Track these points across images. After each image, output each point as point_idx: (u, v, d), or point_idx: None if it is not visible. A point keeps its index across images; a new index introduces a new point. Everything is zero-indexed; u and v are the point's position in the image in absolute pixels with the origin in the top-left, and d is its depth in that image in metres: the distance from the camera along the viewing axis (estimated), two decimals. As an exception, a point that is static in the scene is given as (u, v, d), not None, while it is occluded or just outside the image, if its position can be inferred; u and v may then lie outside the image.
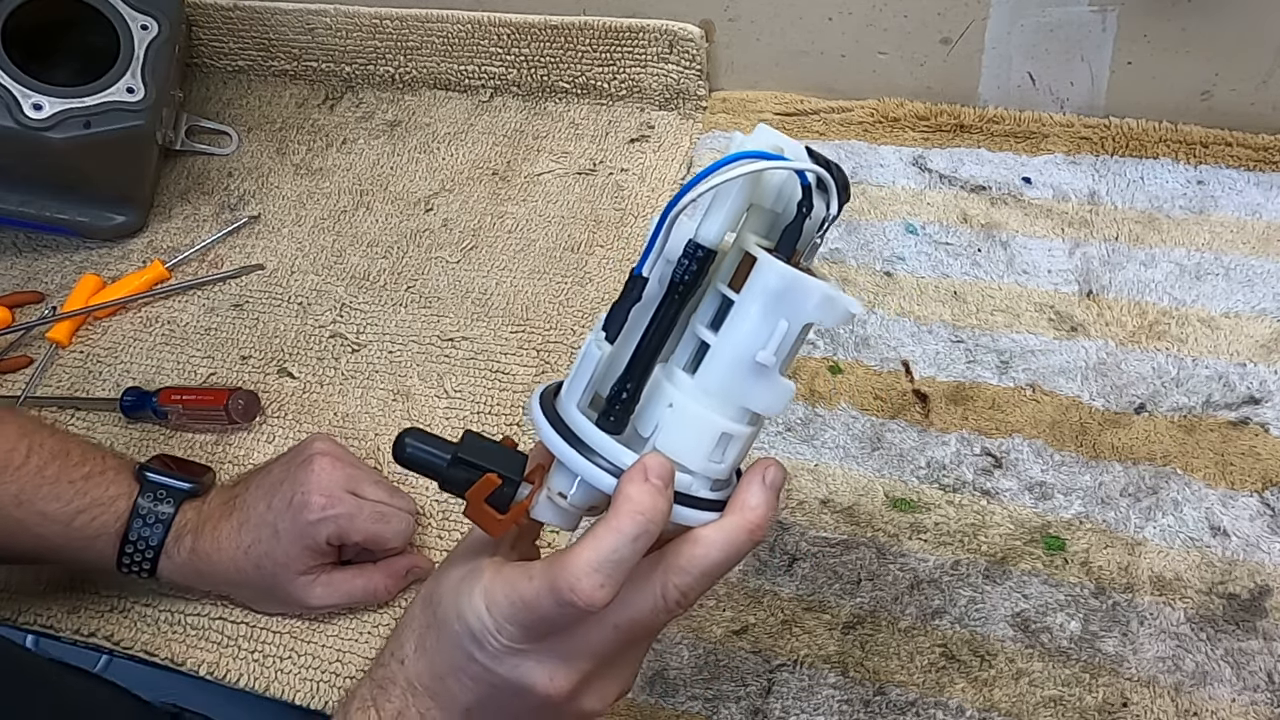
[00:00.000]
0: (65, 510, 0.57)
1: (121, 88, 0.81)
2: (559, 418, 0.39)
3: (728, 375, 0.38)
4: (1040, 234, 0.72)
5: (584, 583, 0.35)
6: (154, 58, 0.83)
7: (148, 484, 0.60)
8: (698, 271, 0.37)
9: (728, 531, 0.38)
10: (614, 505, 0.36)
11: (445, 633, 0.39)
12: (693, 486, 0.39)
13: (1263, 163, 0.73)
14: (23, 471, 0.57)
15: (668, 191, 0.81)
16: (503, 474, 0.39)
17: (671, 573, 0.38)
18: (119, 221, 0.87)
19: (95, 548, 0.58)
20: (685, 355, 0.40)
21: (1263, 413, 0.62)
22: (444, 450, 0.40)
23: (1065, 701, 0.54)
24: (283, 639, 0.62)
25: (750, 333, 0.37)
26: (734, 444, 0.39)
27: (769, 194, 0.39)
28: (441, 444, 0.40)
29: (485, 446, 0.40)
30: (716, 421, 0.38)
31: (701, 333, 0.39)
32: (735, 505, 0.39)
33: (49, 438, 0.60)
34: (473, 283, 0.78)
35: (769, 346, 0.37)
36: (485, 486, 0.39)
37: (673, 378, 0.39)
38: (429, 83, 0.93)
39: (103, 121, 0.79)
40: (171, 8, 0.86)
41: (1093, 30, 0.73)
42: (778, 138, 0.38)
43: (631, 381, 0.38)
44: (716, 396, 0.38)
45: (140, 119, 0.81)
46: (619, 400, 0.38)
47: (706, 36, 0.83)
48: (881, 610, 0.59)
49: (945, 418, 0.65)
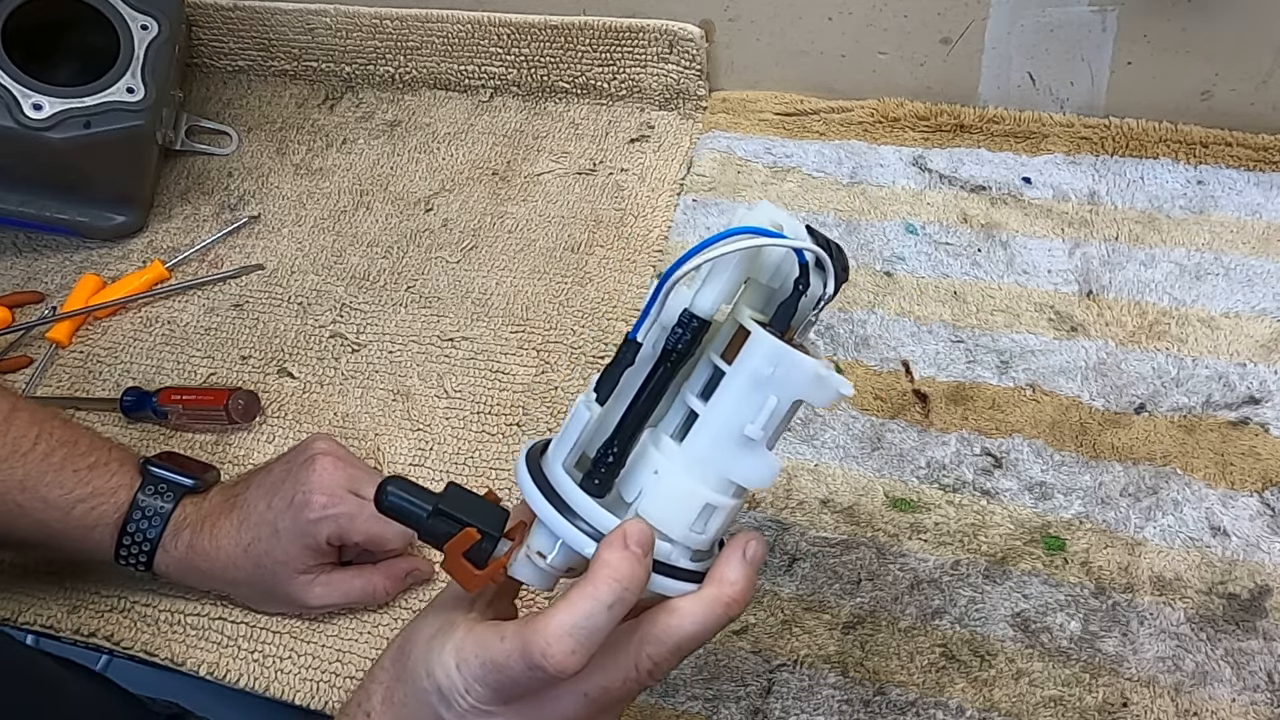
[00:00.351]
0: (67, 498, 0.58)
1: (121, 88, 0.81)
2: (543, 476, 0.39)
3: (715, 446, 0.38)
4: (1040, 234, 0.73)
5: (555, 648, 0.35)
6: (154, 58, 0.83)
7: (149, 477, 0.60)
8: (691, 340, 0.37)
9: (705, 604, 0.38)
10: (592, 570, 0.36)
11: (413, 688, 0.39)
12: (672, 555, 0.39)
13: (1263, 163, 0.73)
14: (30, 457, 0.58)
15: (668, 191, 0.81)
16: (482, 529, 0.39)
17: (646, 642, 0.37)
18: (119, 221, 0.86)
19: (93, 537, 0.59)
20: (674, 422, 0.40)
21: (1263, 413, 0.62)
22: (425, 501, 0.40)
23: (1065, 701, 0.54)
24: (283, 639, 0.62)
25: (739, 406, 0.37)
26: (717, 515, 0.39)
27: (766, 269, 0.39)
28: (424, 494, 0.40)
29: (467, 500, 0.40)
30: (700, 492, 0.38)
31: (691, 401, 0.39)
32: (714, 578, 0.38)
33: (59, 427, 0.60)
34: (473, 283, 0.78)
35: (757, 421, 0.37)
36: (464, 541, 0.39)
37: (660, 444, 0.39)
38: (429, 83, 0.93)
39: (103, 121, 0.79)
40: (171, 8, 0.86)
41: (1093, 30, 0.73)
42: (778, 214, 0.39)
43: (618, 445, 0.38)
44: (702, 466, 0.38)
45: (140, 119, 0.81)
46: (604, 463, 0.38)
47: (706, 36, 0.83)
48: (881, 610, 0.59)
49: (945, 418, 0.65)
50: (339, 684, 0.60)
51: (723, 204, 0.79)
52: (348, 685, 0.60)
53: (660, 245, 0.77)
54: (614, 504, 0.39)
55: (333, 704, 0.60)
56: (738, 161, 0.81)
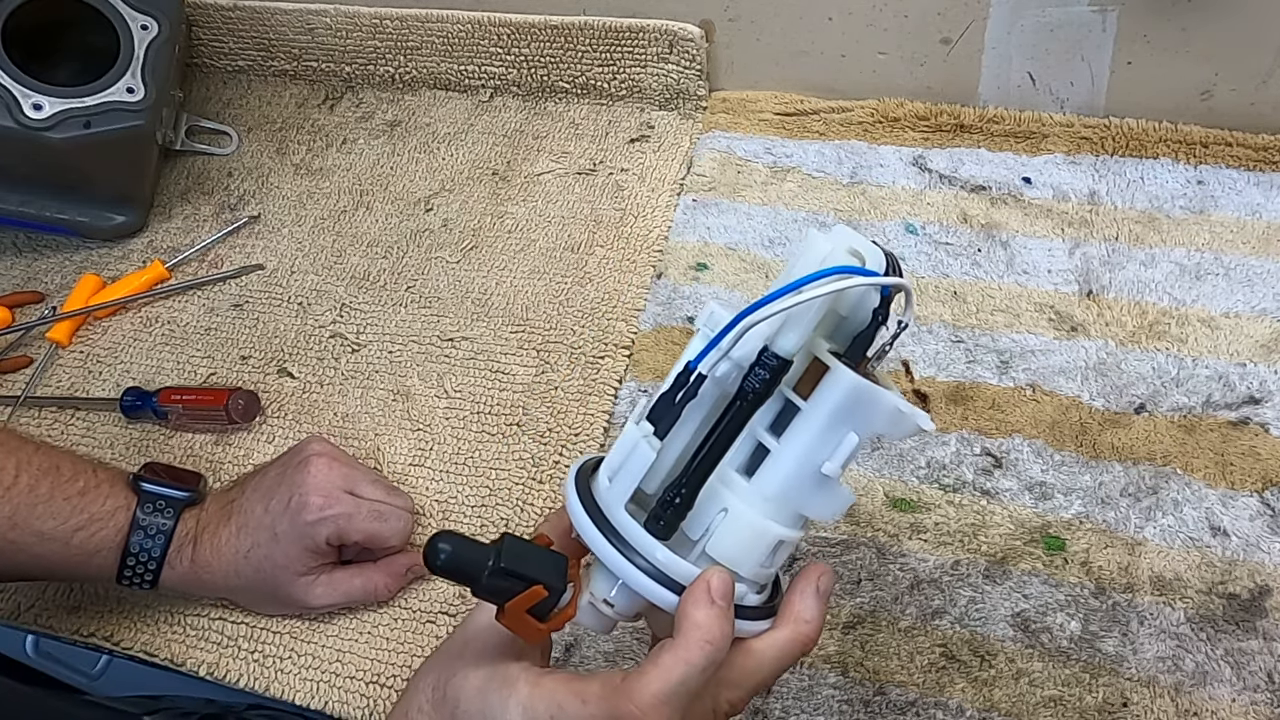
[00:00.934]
0: (63, 528, 0.56)
1: (121, 88, 0.80)
2: (603, 516, 0.37)
3: (788, 483, 0.37)
4: (1040, 234, 0.72)
5: (651, 716, 0.34)
6: (154, 58, 0.83)
7: (145, 495, 0.59)
8: (770, 380, 0.36)
9: (782, 646, 0.37)
10: (682, 631, 0.34)
11: None
12: (746, 596, 0.37)
13: (1263, 163, 0.73)
14: (14, 491, 0.56)
15: (668, 191, 0.81)
16: (548, 584, 0.37)
17: (725, 686, 0.36)
18: (119, 221, 0.86)
19: (94, 563, 0.58)
20: (740, 457, 0.38)
21: (1263, 413, 0.62)
22: (481, 557, 0.37)
23: (1065, 701, 0.54)
24: (283, 639, 0.62)
25: (816, 443, 0.36)
26: (784, 549, 0.38)
27: (846, 301, 0.38)
28: (478, 550, 0.37)
29: (526, 552, 0.38)
30: (773, 530, 0.37)
31: (762, 436, 0.37)
32: (789, 616, 0.37)
33: (35, 454, 0.58)
34: (473, 283, 0.78)
35: (835, 459, 0.36)
36: (530, 598, 0.37)
37: (728, 481, 0.38)
38: (429, 83, 0.93)
39: (103, 121, 0.79)
40: (171, 8, 0.86)
41: (1093, 30, 0.73)
42: (856, 239, 0.37)
43: (687, 488, 0.36)
44: (774, 503, 0.37)
45: (140, 119, 0.81)
46: (672, 505, 0.36)
47: (706, 36, 0.83)
48: (881, 610, 0.59)
49: (945, 418, 0.65)
50: (338, 683, 0.60)
51: (723, 204, 0.79)
52: (347, 685, 0.60)
53: (660, 245, 0.77)
54: (678, 542, 0.37)
55: (332, 704, 0.60)
56: (738, 161, 0.81)
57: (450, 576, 0.37)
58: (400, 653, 0.61)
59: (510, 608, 0.37)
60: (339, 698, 0.60)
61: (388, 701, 0.59)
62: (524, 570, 0.37)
